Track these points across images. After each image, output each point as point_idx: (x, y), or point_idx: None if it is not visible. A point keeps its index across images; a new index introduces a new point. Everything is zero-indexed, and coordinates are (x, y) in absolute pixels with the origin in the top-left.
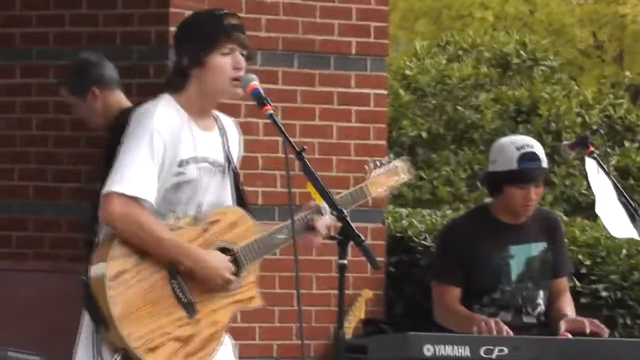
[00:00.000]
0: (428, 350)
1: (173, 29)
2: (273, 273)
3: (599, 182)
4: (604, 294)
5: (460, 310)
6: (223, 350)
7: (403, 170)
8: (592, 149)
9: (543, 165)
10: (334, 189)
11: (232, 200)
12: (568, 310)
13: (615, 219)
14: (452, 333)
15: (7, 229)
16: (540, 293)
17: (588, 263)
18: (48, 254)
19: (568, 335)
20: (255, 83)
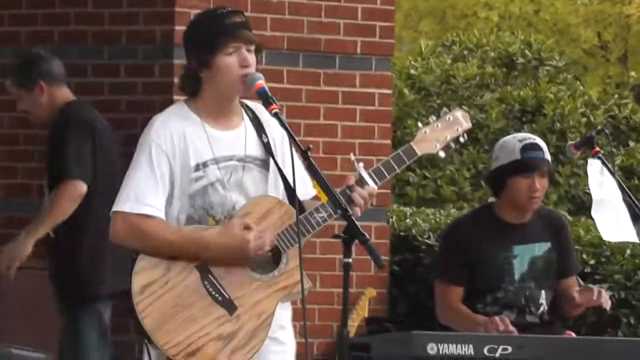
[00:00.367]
0: (432, 349)
1: (178, 28)
2: None
3: (602, 183)
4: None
5: (463, 310)
6: (279, 351)
7: (461, 121)
8: (597, 149)
9: (546, 156)
10: (339, 188)
11: (278, 191)
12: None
13: (612, 222)
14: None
15: (8, 227)
16: (543, 293)
17: (592, 262)
18: None
19: (572, 335)
20: (262, 82)
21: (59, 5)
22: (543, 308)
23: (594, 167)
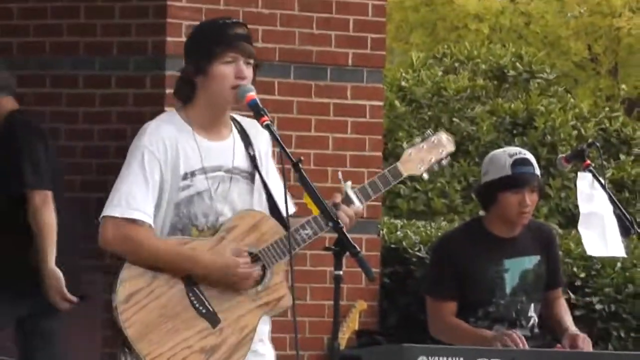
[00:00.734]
0: None
1: (170, 40)
2: None
3: (592, 196)
4: (598, 307)
5: (458, 324)
6: None
7: (445, 143)
8: (588, 162)
9: (536, 171)
10: (330, 200)
11: (262, 205)
12: (569, 323)
13: (598, 237)
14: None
15: None
16: (532, 306)
17: (583, 275)
18: None
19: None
20: (253, 94)
21: (51, 17)
22: (533, 321)
23: (584, 180)
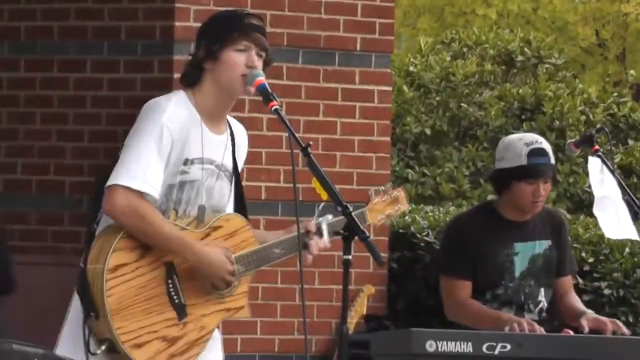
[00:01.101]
0: (431, 346)
1: (178, 24)
2: (275, 268)
3: (602, 181)
4: (607, 292)
5: (473, 303)
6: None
7: (402, 201)
8: (597, 147)
9: (551, 162)
10: (338, 185)
11: (233, 207)
12: (583, 308)
13: (614, 220)
14: (460, 329)
15: (9, 222)
16: (542, 290)
17: (591, 260)
18: (50, 247)
19: (570, 332)
20: (262, 78)
21: (59, 1)
22: (542, 305)
23: (595, 165)
